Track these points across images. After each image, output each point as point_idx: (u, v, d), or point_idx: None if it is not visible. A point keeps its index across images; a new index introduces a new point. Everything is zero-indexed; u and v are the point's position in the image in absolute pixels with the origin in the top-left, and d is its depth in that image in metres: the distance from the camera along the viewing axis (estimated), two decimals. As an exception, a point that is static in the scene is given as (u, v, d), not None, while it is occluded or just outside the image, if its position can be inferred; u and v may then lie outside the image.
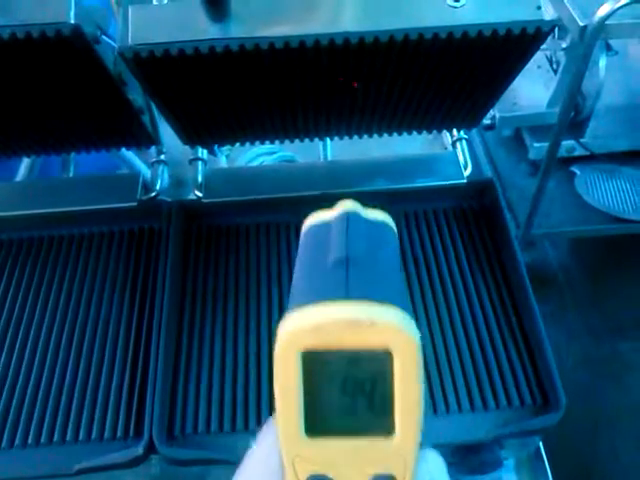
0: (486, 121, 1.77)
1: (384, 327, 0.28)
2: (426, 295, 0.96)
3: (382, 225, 0.34)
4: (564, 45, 1.58)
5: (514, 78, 0.84)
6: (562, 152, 1.70)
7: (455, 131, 1.16)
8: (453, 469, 0.94)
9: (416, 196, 1.07)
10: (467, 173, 1.08)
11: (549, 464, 0.97)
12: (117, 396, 0.87)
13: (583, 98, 1.70)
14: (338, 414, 0.29)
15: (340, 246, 0.30)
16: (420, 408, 0.29)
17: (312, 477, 0.30)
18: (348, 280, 0.29)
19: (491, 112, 1.72)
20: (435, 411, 0.84)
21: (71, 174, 1.28)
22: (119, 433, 0.84)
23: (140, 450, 0.81)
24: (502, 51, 0.75)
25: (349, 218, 0.32)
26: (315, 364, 0.28)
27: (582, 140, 1.74)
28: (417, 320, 0.93)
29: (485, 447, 0.89)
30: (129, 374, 0.89)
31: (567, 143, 1.74)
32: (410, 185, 1.07)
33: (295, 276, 0.33)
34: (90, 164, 1.31)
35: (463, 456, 0.91)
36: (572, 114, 1.58)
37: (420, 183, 1.07)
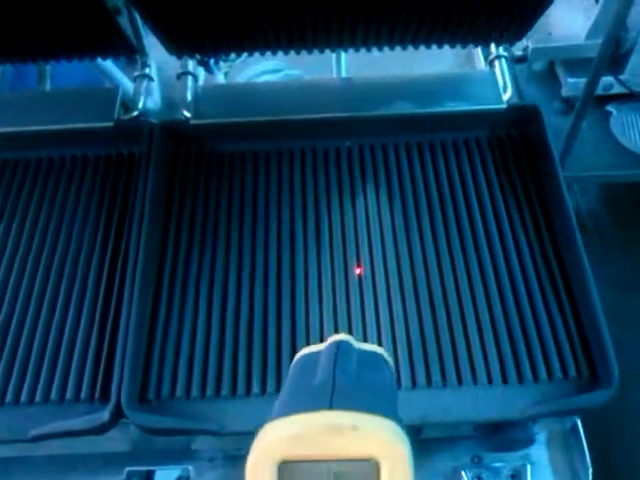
0: (517, 52, 1.63)
1: (369, 433, 0.26)
2: (453, 242, 0.80)
3: (374, 354, 0.31)
4: (611, -33, 1.39)
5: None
6: (598, 89, 1.56)
7: (493, 47, 0.97)
8: (473, 443, 0.81)
9: (445, 122, 0.90)
10: (507, 97, 0.91)
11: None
12: (82, 351, 0.74)
13: (625, 30, 1.53)
14: None
15: (328, 369, 0.28)
16: None
17: None
18: (333, 394, 0.27)
19: (524, 42, 1.59)
20: (460, 382, 0.70)
21: (47, 88, 1.11)
22: (83, 395, 0.71)
23: (106, 415, 0.68)
24: None
25: (339, 346, 0.30)
26: (293, 478, 0.25)
27: (621, 77, 1.58)
28: (442, 272, 0.78)
29: (516, 424, 0.75)
30: (98, 326, 0.76)
31: (604, 79, 1.59)
32: (438, 109, 0.90)
33: (278, 400, 0.30)
34: (69, 79, 1.14)
35: (487, 433, 0.78)
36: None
37: (450, 107, 0.90)
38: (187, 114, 0.90)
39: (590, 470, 0.78)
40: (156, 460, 0.82)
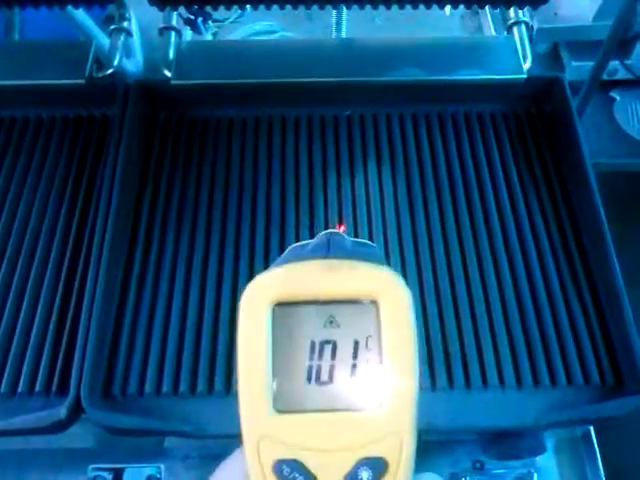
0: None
1: (367, 273, 0.25)
2: (463, 227, 0.72)
3: (365, 243, 0.28)
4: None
5: None
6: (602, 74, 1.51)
7: (512, 12, 0.88)
8: (475, 448, 0.74)
9: (457, 93, 0.81)
10: (527, 67, 0.82)
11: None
12: (39, 338, 0.65)
13: (634, 13, 1.47)
14: (313, 384, 0.24)
15: (322, 238, 0.26)
16: (415, 371, 0.24)
17: (280, 462, 0.23)
18: (329, 249, 0.25)
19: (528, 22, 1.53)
20: (468, 384, 0.62)
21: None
22: (38, 387, 0.62)
23: (63, 412, 0.59)
24: None
25: (331, 234, 0.27)
26: (287, 322, 0.25)
27: (627, 62, 1.51)
28: (450, 261, 0.69)
29: (527, 431, 0.67)
30: (58, 310, 0.66)
31: (609, 64, 1.54)
32: (449, 77, 0.80)
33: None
34: (39, 33, 1.03)
35: (493, 438, 0.70)
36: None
37: (463, 75, 0.80)
38: (168, 73, 0.80)
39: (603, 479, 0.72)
40: (125, 457, 0.74)
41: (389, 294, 0.25)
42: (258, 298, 0.25)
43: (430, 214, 0.73)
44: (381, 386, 0.24)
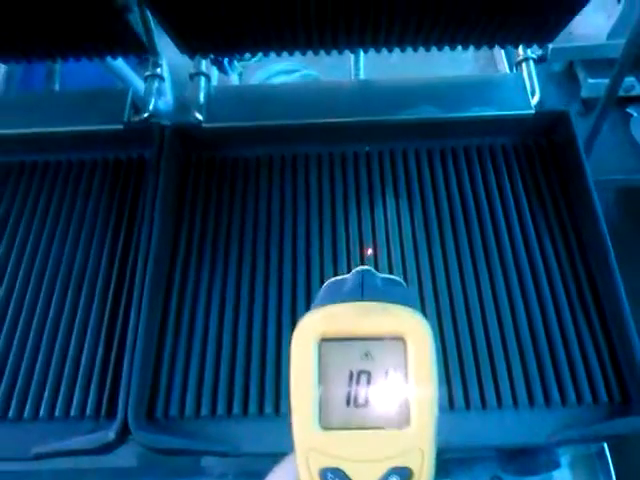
0: (537, 52, 1.59)
1: (396, 315, 0.30)
2: (477, 254, 0.76)
3: (394, 278, 0.34)
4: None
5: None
6: (619, 91, 1.53)
7: (520, 49, 0.93)
8: (494, 464, 0.78)
9: (469, 128, 0.86)
10: (535, 102, 0.86)
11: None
12: (88, 366, 0.71)
13: None
14: (352, 406, 0.29)
15: (356, 279, 0.31)
16: (435, 396, 0.29)
17: (325, 470, 0.28)
18: (363, 291, 0.30)
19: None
20: (484, 405, 0.66)
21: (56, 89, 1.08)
22: (88, 412, 0.68)
23: (112, 435, 0.65)
24: None
25: (364, 272, 0.32)
26: (331, 355, 0.29)
27: None
28: (465, 287, 0.74)
29: (542, 448, 0.71)
30: (104, 340, 0.72)
31: (625, 80, 1.56)
32: (462, 114, 0.85)
33: (312, 305, 0.32)
34: (80, 79, 1.11)
35: (510, 454, 0.74)
36: (635, 47, 1.37)
37: (474, 112, 0.85)
38: (199, 117, 0.86)
39: (618, 497, 0.75)
40: (164, 476, 0.80)
41: (414, 334, 0.30)
42: (306, 335, 0.30)
43: (446, 242, 0.78)
44: (407, 409, 0.29)
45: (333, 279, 0.33)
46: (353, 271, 0.33)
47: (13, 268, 0.78)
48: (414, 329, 0.30)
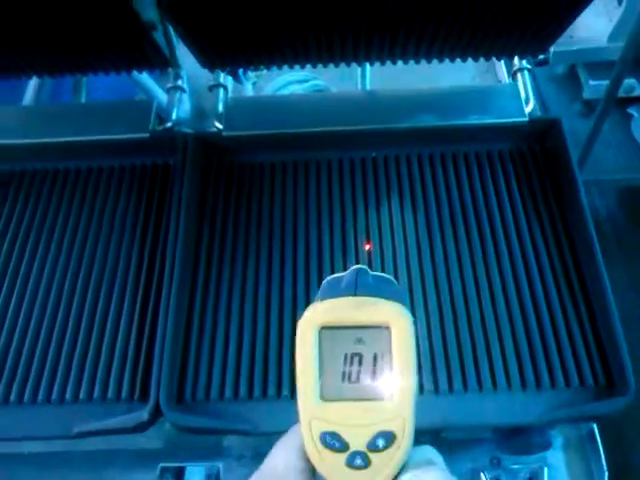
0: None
1: (385, 306, 0.35)
2: (475, 251, 0.83)
3: (386, 277, 0.38)
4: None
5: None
6: (619, 92, 1.57)
7: (516, 60, 0.99)
8: (492, 446, 0.84)
9: (468, 135, 0.93)
10: (529, 109, 0.93)
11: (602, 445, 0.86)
12: (122, 353, 0.78)
13: None
14: (347, 382, 0.35)
15: (351, 278, 0.37)
16: (414, 375, 0.34)
17: (324, 433, 0.34)
18: (356, 289, 0.36)
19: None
20: (480, 388, 0.73)
21: (83, 100, 1.15)
22: (124, 394, 0.76)
23: (145, 415, 0.72)
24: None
25: (358, 270, 0.37)
26: (329, 340, 0.35)
27: None
28: (464, 282, 0.81)
29: (534, 428, 0.78)
30: (136, 330, 0.80)
31: (626, 82, 1.61)
32: (461, 122, 0.92)
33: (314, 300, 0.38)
34: (104, 90, 1.18)
35: (506, 436, 0.81)
36: (634, 49, 1.41)
37: (473, 120, 0.92)
38: (219, 126, 0.93)
39: (606, 475, 0.80)
40: (187, 457, 0.86)
41: (398, 324, 0.35)
42: (309, 325, 0.35)
43: (446, 239, 0.85)
44: (391, 384, 0.34)
45: (331, 276, 0.39)
46: (349, 269, 0.39)
47: (51, 267, 0.85)
48: (398, 320, 0.35)
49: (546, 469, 0.82)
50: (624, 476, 1.08)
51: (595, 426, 0.85)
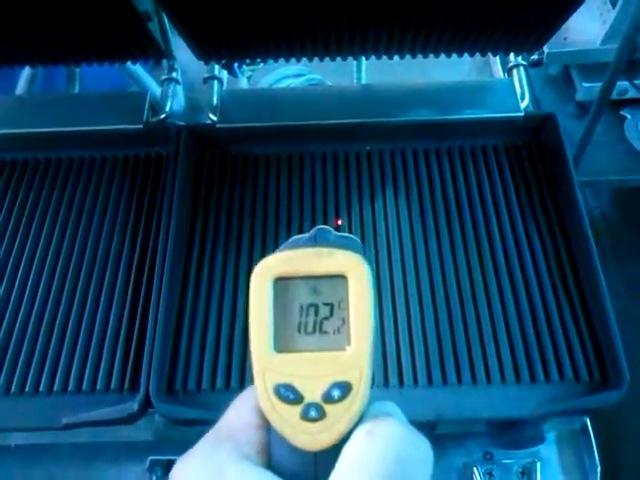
0: (533, 56, 1.64)
1: (341, 256, 0.34)
2: (469, 245, 0.83)
3: (346, 235, 0.37)
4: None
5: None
6: (613, 94, 1.58)
7: (512, 56, 0.99)
8: (485, 440, 0.84)
9: (463, 129, 0.92)
10: (524, 105, 0.93)
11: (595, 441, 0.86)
12: (112, 344, 0.77)
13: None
14: (303, 333, 0.34)
15: (312, 232, 0.35)
16: (371, 324, 0.33)
17: (278, 385, 0.33)
18: (316, 240, 0.35)
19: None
20: (474, 381, 0.73)
21: (76, 91, 1.15)
22: (113, 385, 0.75)
23: (135, 406, 0.71)
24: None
25: (320, 228, 0.36)
26: (284, 290, 0.34)
27: (636, 82, 1.59)
28: (459, 275, 0.81)
29: (527, 422, 0.77)
30: (127, 320, 0.79)
31: (619, 84, 1.60)
32: (456, 116, 0.92)
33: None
34: (97, 81, 1.17)
35: (499, 430, 0.80)
36: (628, 52, 1.42)
37: (468, 114, 0.92)
38: (213, 118, 0.93)
39: (599, 469, 0.80)
40: (178, 449, 0.85)
41: (354, 271, 0.34)
42: (264, 274, 0.34)
43: (440, 232, 0.84)
44: (348, 335, 0.33)
45: (295, 236, 0.38)
46: (312, 229, 0.38)
47: (41, 257, 0.84)
48: (355, 269, 0.33)
49: (539, 463, 0.82)
50: (616, 475, 1.09)
51: (588, 420, 0.85)
